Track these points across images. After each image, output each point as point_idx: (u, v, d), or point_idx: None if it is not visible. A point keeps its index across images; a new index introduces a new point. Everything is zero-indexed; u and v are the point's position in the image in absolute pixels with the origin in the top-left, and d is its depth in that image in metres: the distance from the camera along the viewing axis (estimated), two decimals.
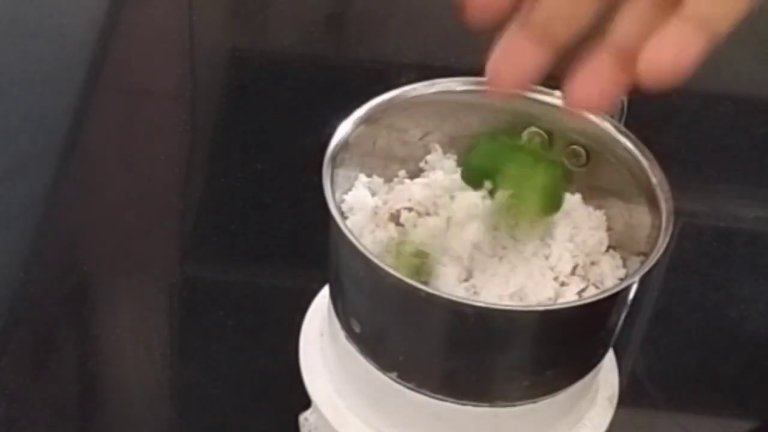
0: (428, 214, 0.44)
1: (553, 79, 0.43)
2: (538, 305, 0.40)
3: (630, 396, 0.53)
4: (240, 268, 0.64)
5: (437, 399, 0.42)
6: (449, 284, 0.42)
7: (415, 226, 0.43)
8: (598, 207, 0.46)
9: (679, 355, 0.61)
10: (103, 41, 0.79)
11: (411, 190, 0.45)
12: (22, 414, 0.55)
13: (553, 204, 0.44)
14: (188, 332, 0.61)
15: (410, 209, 0.44)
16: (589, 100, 0.37)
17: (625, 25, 0.37)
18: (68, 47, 0.78)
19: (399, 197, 0.45)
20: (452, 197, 0.45)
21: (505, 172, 0.43)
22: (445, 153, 0.48)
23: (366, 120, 0.44)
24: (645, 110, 0.41)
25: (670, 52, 0.35)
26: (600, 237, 0.45)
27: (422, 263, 0.41)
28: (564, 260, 0.43)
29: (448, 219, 0.44)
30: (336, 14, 0.87)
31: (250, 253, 0.65)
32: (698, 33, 0.35)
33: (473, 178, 0.45)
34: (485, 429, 0.44)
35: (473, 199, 0.44)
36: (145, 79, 0.77)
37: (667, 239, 0.41)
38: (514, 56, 0.37)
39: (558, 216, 0.45)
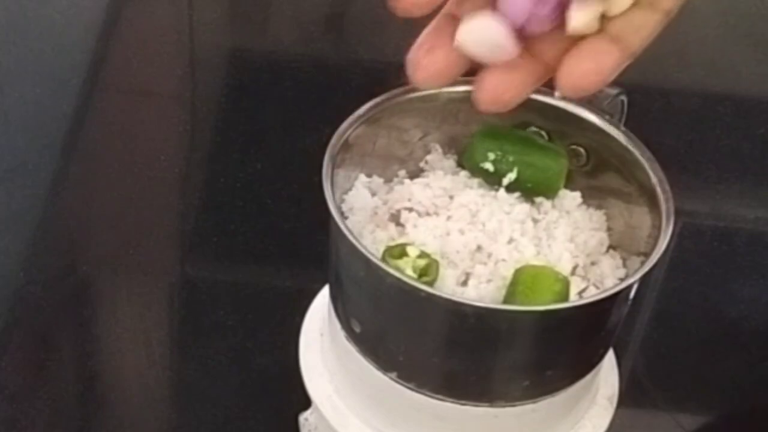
0: (428, 214, 0.44)
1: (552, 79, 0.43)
2: (538, 305, 0.40)
3: (630, 396, 0.53)
4: (240, 268, 0.64)
5: (437, 399, 0.42)
6: (447, 286, 0.42)
7: (415, 226, 0.43)
8: (598, 207, 0.46)
9: (679, 355, 0.61)
10: (103, 41, 0.79)
11: (411, 190, 0.45)
12: (22, 414, 0.55)
13: (553, 186, 0.45)
14: (188, 332, 0.61)
15: (410, 209, 0.44)
16: (501, 99, 0.39)
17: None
18: (68, 47, 0.78)
19: (399, 197, 0.45)
20: (452, 197, 0.45)
21: (512, 150, 0.45)
22: (445, 153, 0.48)
23: (366, 120, 0.44)
24: (645, 110, 0.42)
25: (587, 67, 0.38)
26: (600, 237, 0.45)
27: (427, 265, 0.41)
28: (564, 260, 0.43)
29: (448, 219, 0.44)
30: (336, 14, 0.87)
31: (250, 253, 0.65)
32: (613, 49, 0.38)
33: (477, 158, 0.45)
34: (485, 429, 0.44)
35: (473, 199, 0.44)
36: (145, 79, 0.77)
37: (667, 239, 0.41)
38: (443, 39, 0.39)
39: (558, 216, 0.45)
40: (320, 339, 0.49)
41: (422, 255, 0.42)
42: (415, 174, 0.47)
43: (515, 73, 0.40)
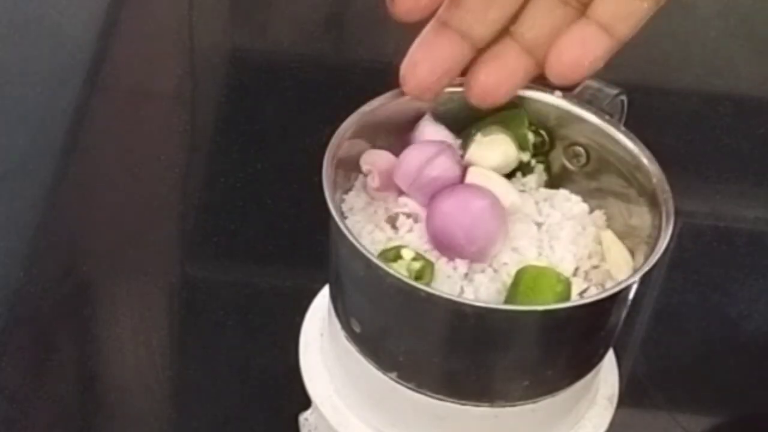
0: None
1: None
2: (539, 305, 0.40)
3: (630, 396, 0.53)
4: (240, 268, 0.64)
5: (437, 399, 0.42)
6: (447, 286, 0.42)
7: (410, 230, 0.43)
8: (598, 207, 0.46)
9: (679, 355, 0.61)
10: (103, 41, 0.79)
11: (406, 199, 0.45)
12: (22, 414, 0.55)
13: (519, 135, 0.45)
14: (188, 332, 0.61)
15: (408, 215, 0.44)
16: (491, 89, 0.41)
17: (531, 21, 0.40)
18: (68, 47, 0.78)
19: (395, 200, 0.45)
20: None
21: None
22: None
23: (366, 120, 0.44)
24: (645, 110, 0.42)
25: (575, 54, 0.39)
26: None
27: (422, 267, 0.41)
28: (566, 261, 0.43)
29: None
30: (336, 14, 0.87)
31: (250, 253, 0.65)
32: (602, 36, 0.39)
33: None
34: (485, 429, 0.44)
35: None
36: (145, 79, 0.77)
37: (667, 239, 0.41)
38: (431, 52, 0.40)
39: (559, 217, 0.45)
40: (320, 339, 0.49)
41: (417, 257, 0.42)
42: None
43: (507, 66, 0.40)
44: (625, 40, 0.40)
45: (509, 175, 0.45)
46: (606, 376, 0.48)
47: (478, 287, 0.42)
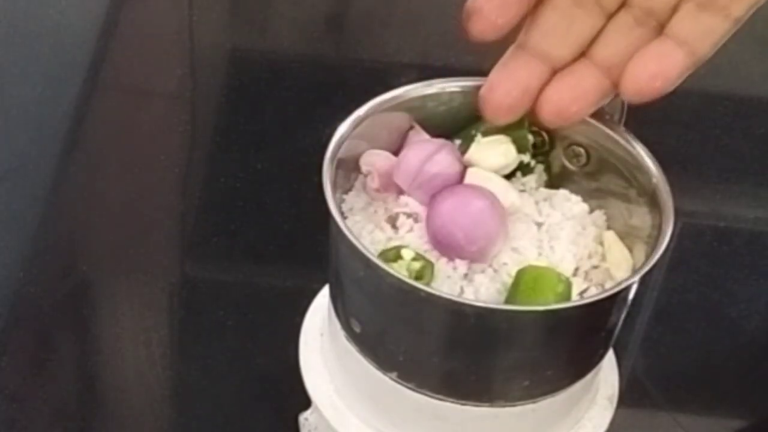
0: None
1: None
2: (539, 305, 0.40)
3: (630, 396, 0.53)
4: (240, 268, 0.64)
5: (437, 399, 0.42)
6: (447, 286, 0.42)
7: (411, 230, 0.43)
8: (598, 207, 0.46)
9: (679, 355, 0.61)
10: (103, 41, 0.79)
11: (407, 199, 0.45)
12: (22, 414, 0.55)
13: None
14: (188, 332, 0.61)
15: (408, 215, 0.44)
16: (563, 108, 0.40)
17: (607, 41, 0.39)
18: (68, 47, 0.78)
19: (396, 200, 0.45)
20: None
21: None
22: None
23: (366, 120, 0.44)
24: (645, 110, 0.42)
25: (651, 70, 0.38)
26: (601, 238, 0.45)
27: (422, 267, 0.41)
28: (566, 261, 0.43)
29: None
30: (336, 14, 0.87)
31: (250, 253, 0.65)
32: (679, 53, 0.38)
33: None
34: (485, 429, 0.44)
35: None
36: (145, 79, 0.77)
37: (667, 239, 0.41)
38: (508, 74, 0.39)
39: (559, 218, 0.45)
40: (320, 339, 0.49)
41: (417, 257, 0.42)
42: None
43: (580, 85, 0.40)
44: (704, 59, 0.39)
45: (509, 175, 0.45)
46: (606, 376, 0.48)
47: (478, 287, 0.42)
